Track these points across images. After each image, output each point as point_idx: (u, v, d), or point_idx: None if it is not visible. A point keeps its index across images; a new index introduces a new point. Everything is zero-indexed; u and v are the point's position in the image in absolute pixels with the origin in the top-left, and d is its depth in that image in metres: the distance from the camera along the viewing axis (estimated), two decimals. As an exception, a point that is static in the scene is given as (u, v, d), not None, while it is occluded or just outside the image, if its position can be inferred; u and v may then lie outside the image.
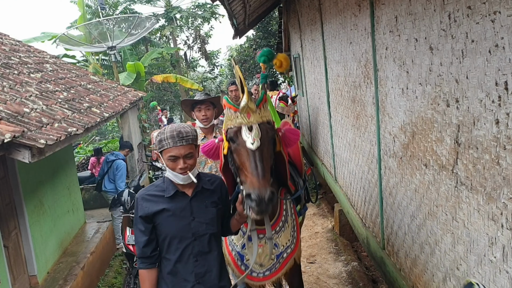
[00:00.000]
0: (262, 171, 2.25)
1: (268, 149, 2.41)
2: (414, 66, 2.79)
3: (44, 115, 4.73)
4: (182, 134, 2.25)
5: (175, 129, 2.26)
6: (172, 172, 2.29)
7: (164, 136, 2.25)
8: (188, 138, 2.27)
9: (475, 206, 2.19)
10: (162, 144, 2.26)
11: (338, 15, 4.77)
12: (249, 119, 2.38)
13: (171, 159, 2.26)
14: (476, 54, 2.03)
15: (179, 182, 2.32)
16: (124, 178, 7.57)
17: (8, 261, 4.85)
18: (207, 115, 3.94)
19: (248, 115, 2.38)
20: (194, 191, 2.38)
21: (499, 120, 1.91)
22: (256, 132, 2.34)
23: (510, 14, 1.74)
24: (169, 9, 19.96)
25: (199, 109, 3.95)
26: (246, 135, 2.34)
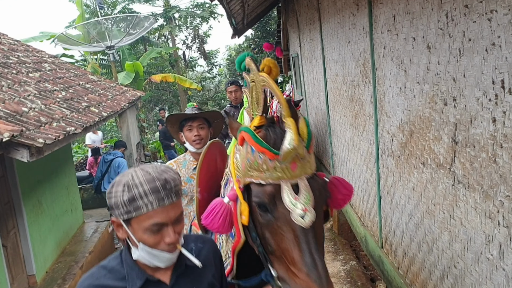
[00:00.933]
0: (321, 265, 1.39)
1: (321, 221, 1.54)
2: (412, 65, 2.80)
3: (43, 115, 4.73)
4: (169, 185, 1.35)
5: (157, 177, 1.34)
6: (150, 250, 1.37)
7: (138, 192, 1.31)
8: (178, 188, 1.40)
9: (472, 204, 2.20)
10: (137, 206, 1.31)
11: (336, 15, 4.78)
12: (294, 171, 1.47)
13: (153, 229, 1.34)
14: (473, 53, 2.04)
15: (159, 264, 1.41)
16: None
17: (7, 261, 4.85)
18: (201, 135, 3.09)
19: (294, 165, 1.47)
20: (174, 274, 1.47)
21: (496, 118, 1.92)
22: (307, 195, 1.45)
23: (507, 13, 1.75)
24: (167, 8, 19.95)
25: (190, 128, 3.10)
26: (291, 201, 1.44)
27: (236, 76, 18.74)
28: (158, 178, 1.34)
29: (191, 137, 3.08)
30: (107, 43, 10.89)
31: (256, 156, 1.50)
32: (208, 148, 2.15)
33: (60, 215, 6.48)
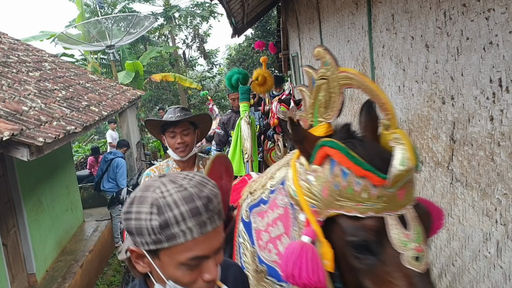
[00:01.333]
0: None
1: None
2: (411, 63, 2.81)
3: (43, 114, 4.74)
4: (212, 204, 1.01)
5: (196, 194, 0.99)
6: None
7: (173, 215, 0.96)
8: (220, 208, 1.05)
9: (470, 202, 2.21)
10: (171, 234, 0.96)
11: (335, 14, 4.79)
12: (401, 200, 1.14)
13: (191, 264, 1.00)
14: (471, 52, 2.05)
15: None
16: (125, 175, 7.56)
17: (7, 260, 4.86)
18: (185, 141, 2.69)
19: (402, 192, 1.13)
20: None
21: (493, 116, 1.93)
22: (418, 229, 1.13)
23: (504, 12, 1.76)
24: (167, 8, 19.96)
25: (172, 135, 2.68)
26: (401, 239, 1.11)
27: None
28: (199, 195, 0.99)
29: (174, 144, 2.67)
30: (107, 43, 10.90)
31: (352, 181, 1.12)
32: (212, 164, 1.79)
33: (60, 214, 6.50)
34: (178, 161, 2.79)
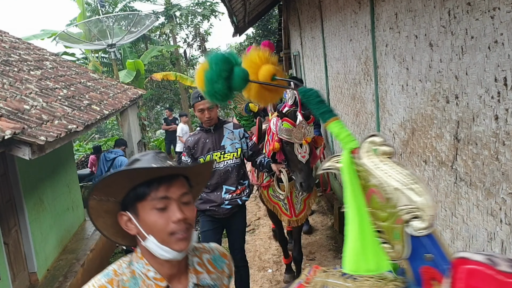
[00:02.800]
0: None
1: None
2: (414, 62, 2.80)
3: (44, 112, 4.74)
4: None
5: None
6: None
7: None
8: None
9: (474, 202, 2.20)
10: None
11: (338, 13, 4.77)
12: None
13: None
14: (476, 51, 2.04)
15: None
16: None
17: (8, 258, 4.86)
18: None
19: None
20: None
21: (498, 116, 1.92)
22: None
23: (510, 10, 1.75)
24: (168, 7, 19.95)
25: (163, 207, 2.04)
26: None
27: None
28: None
29: None
30: (108, 41, 10.88)
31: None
32: None
33: (62, 213, 6.49)
34: None
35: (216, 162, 3.54)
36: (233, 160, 3.60)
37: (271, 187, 4.13)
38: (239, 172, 3.65)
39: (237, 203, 3.67)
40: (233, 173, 3.61)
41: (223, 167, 3.58)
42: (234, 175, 3.61)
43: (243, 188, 3.72)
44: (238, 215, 3.78)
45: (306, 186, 3.56)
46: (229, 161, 3.58)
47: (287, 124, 3.57)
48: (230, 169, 3.59)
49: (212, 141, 3.56)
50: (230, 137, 3.60)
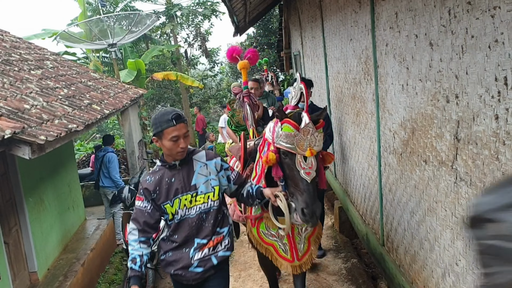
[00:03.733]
0: None
1: None
2: (414, 62, 2.79)
3: (45, 112, 4.74)
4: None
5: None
6: None
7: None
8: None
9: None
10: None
11: (338, 12, 4.77)
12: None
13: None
14: (476, 50, 2.03)
15: None
16: (117, 169, 7.58)
17: (9, 258, 4.86)
18: None
19: None
20: None
21: (498, 115, 1.91)
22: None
23: (510, 9, 1.74)
24: (169, 6, 19.93)
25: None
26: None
27: (239, 75, 18.70)
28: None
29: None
30: (109, 41, 10.87)
31: None
32: None
33: (62, 213, 6.49)
34: None
35: (185, 208, 2.65)
36: (208, 204, 2.69)
37: (264, 221, 3.13)
38: (216, 217, 2.73)
39: (211, 263, 2.73)
40: (209, 221, 2.71)
41: (195, 213, 2.67)
42: (210, 223, 2.71)
43: (220, 238, 2.76)
44: (215, 281, 2.80)
45: (310, 214, 2.58)
46: (203, 205, 2.68)
47: (288, 127, 2.65)
48: (205, 215, 2.69)
49: (180, 180, 2.65)
50: (203, 172, 2.70)
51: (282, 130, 2.67)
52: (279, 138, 2.69)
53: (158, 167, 2.74)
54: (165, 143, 2.56)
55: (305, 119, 2.63)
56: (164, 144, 2.57)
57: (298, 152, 2.61)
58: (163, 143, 2.57)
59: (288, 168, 2.70)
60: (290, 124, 2.64)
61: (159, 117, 2.55)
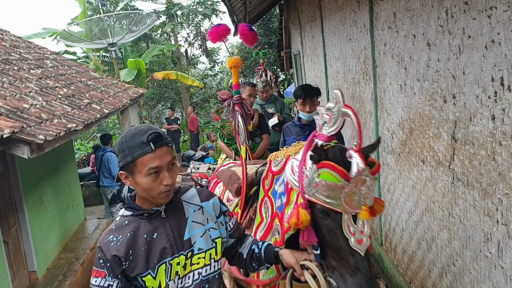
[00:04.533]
0: None
1: None
2: (412, 62, 2.79)
3: (44, 111, 4.74)
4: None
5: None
6: None
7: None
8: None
9: (471, 202, 2.19)
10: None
11: (337, 12, 4.77)
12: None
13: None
14: (473, 50, 2.03)
15: None
16: (117, 167, 7.60)
17: (8, 257, 4.87)
18: None
19: None
20: None
21: (495, 115, 1.91)
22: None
23: (506, 10, 1.74)
24: (170, 6, 19.93)
25: None
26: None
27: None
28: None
29: None
30: (109, 40, 10.88)
31: None
32: None
33: (62, 212, 6.50)
34: None
35: (178, 278, 1.70)
36: (211, 267, 1.78)
37: None
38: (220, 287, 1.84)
39: None
40: None
41: (193, 284, 1.73)
42: None
43: None
44: None
45: None
46: (205, 270, 1.76)
47: (330, 175, 1.69)
48: (208, 285, 1.77)
49: (167, 235, 1.72)
50: (198, 219, 1.79)
51: (319, 177, 1.69)
52: (314, 188, 1.72)
53: (127, 218, 1.72)
54: (139, 180, 1.61)
55: (357, 162, 1.65)
56: (138, 181, 1.62)
57: (346, 210, 1.68)
58: (137, 179, 1.62)
59: (329, 233, 1.75)
60: (335, 171, 1.67)
61: (128, 140, 1.62)
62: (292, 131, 3.92)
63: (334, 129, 1.80)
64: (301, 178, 1.79)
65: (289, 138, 3.89)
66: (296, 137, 3.76)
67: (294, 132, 3.89)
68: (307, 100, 3.71)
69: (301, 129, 3.86)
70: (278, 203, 2.08)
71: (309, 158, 1.74)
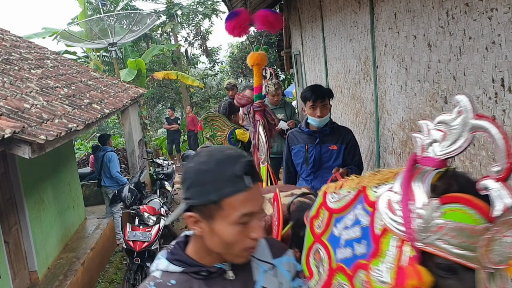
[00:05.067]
0: None
1: None
2: (413, 63, 2.80)
3: (45, 111, 4.74)
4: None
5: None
6: None
7: None
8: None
9: (471, 203, 2.20)
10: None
11: (338, 12, 4.77)
12: None
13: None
14: (473, 51, 2.04)
15: None
16: (118, 167, 7.64)
17: (9, 257, 4.87)
18: None
19: None
20: None
21: (495, 116, 1.92)
22: None
23: (507, 11, 1.75)
24: (170, 5, 19.94)
25: None
26: None
27: (238, 74, 18.71)
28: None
29: None
30: (109, 40, 10.88)
31: None
32: None
33: (62, 212, 6.51)
34: None
35: None
36: None
37: None
38: None
39: None
40: None
41: None
42: None
43: None
44: None
45: None
46: None
47: (464, 213, 1.08)
48: None
49: None
50: (270, 284, 1.29)
51: (444, 217, 1.12)
52: (435, 234, 1.14)
53: (174, 276, 1.19)
54: (221, 229, 1.12)
55: (502, 196, 1.06)
56: (219, 231, 1.12)
57: (484, 265, 1.10)
58: (217, 227, 1.12)
59: None
60: (473, 208, 1.09)
61: (214, 168, 1.11)
62: (299, 139, 3.33)
63: (453, 150, 1.16)
64: (409, 219, 1.17)
65: (295, 147, 3.33)
66: (304, 146, 3.26)
67: (301, 140, 3.31)
68: (317, 102, 3.15)
69: (310, 136, 3.28)
70: (346, 253, 1.39)
71: (426, 189, 1.13)
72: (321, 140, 3.24)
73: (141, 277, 5.42)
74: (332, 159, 3.24)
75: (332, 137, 3.24)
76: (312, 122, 3.23)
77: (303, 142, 3.30)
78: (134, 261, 5.46)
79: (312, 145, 3.24)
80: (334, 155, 3.23)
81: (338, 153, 3.17)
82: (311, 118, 3.22)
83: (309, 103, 3.19)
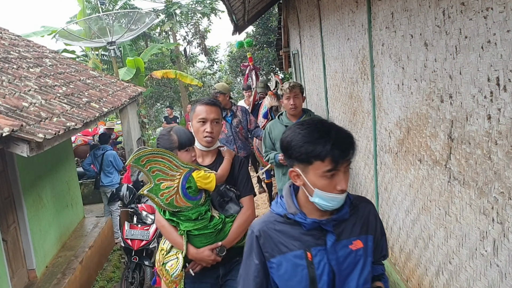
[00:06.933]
0: None
1: None
2: (410, 62, 2.81)
3: (43, 110, 4.75)
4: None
5: None
6: None
7: None
8: None
9: (467, 201, 2.22)
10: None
11: (336, 11, 4.78)
12: None
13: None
14: (469, 50, 2.05)
15: None
16: (120, 165, 7.67)
17: (7, 255, 4.88)
18: None
19: None
20: None
21: (491, 115, 1.93)
22: None
23: (502, 11, 1.76)
24: (169, 4, 19.93)
25: None
26: None
27: (238, 73, 18.70)
28: None
29: None
30: (108, 39, 10.89)
31: None
32: None
33: (61, 210, 6.51)
34: None
35: None
36: None
37: None
38: None
39: None
40: None
41: None
42: None
43: None
44: None
45: None
46: None
47: None
48: None
49: None
50: None
51: None
52: None
53: None
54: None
55: None
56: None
57: None
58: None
59: None
60: None
61: None
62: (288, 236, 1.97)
63: None
64: None
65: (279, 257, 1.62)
66: (304, 252, 1.98)
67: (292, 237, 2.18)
68: None
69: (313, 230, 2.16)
70: None
71: None
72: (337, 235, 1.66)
73: (139, 276, 5.43)
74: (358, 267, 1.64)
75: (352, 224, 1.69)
76: (322, 202, 1.57)
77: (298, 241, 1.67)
78: (132, 260, 5.46)
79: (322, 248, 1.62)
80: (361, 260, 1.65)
81: (366, 254, 1.65)
82: (320, 195, 1.58)
83: None
